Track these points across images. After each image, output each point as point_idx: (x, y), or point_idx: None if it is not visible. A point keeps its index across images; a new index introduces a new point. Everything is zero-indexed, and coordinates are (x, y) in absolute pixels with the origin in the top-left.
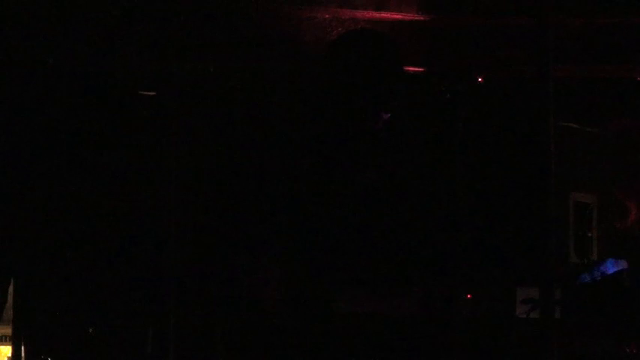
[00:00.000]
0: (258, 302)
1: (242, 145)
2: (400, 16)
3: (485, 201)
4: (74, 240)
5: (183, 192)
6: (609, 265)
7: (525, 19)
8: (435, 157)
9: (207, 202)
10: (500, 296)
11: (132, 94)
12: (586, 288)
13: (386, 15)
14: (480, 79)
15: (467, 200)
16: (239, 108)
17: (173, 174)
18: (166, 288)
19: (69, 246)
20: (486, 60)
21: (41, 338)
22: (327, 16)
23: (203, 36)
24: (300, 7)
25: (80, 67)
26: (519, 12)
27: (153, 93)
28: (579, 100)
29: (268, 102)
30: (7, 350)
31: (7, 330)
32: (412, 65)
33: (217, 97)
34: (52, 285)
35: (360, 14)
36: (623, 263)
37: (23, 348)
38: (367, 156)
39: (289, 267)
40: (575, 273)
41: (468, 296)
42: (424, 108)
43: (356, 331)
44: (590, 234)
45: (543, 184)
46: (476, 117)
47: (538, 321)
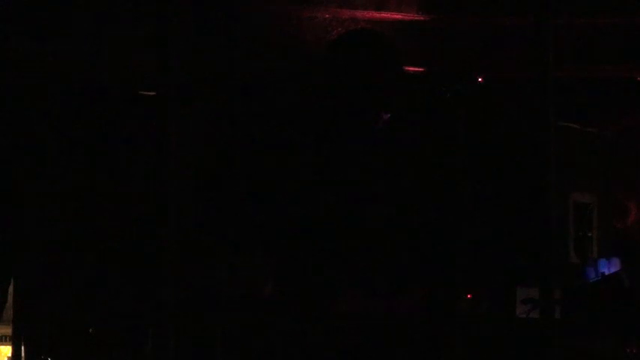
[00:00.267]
0: (253, 301)
1: (242, 145)
2: (400, 16)
3: (485, 201)
4: (74, 240)
5: (182, 192)
6: (601, 265)
7: (525, 20)
8: (435, 157)
9: (207, 203)
10: (500, 296)
11: (132, 95)
12: (586, 288)
13: (386, 15)
14: (480, 79)
15: (467, 200)
16: (239, 108)
17: (173, 174)
18: (166, 288)
19: (69, 246)
20: (486, 60)
21: (41, 338)
22: (327, 16)
23: (203, 36)
24: (300, 7)
25: (80, 67)
26: (519, 12)
27: (153, 93)
28: (579, 100)
29: (268, 102)
30: (7, 350)
31: (7, 330)
32: (412, 65)
33: (217, 97)
34: (52, 285)
35: (360, 14)
36: (616, 262)
37: (23, 348)
38: (367, 156)
39: (288, 267)
40: (581, 270)
41: (468, 296)
42: (424, 108)
43: (356, 331)
44: (590, 234)
45: (543, 185)
46: (476, 117)
47: (538, 321)
